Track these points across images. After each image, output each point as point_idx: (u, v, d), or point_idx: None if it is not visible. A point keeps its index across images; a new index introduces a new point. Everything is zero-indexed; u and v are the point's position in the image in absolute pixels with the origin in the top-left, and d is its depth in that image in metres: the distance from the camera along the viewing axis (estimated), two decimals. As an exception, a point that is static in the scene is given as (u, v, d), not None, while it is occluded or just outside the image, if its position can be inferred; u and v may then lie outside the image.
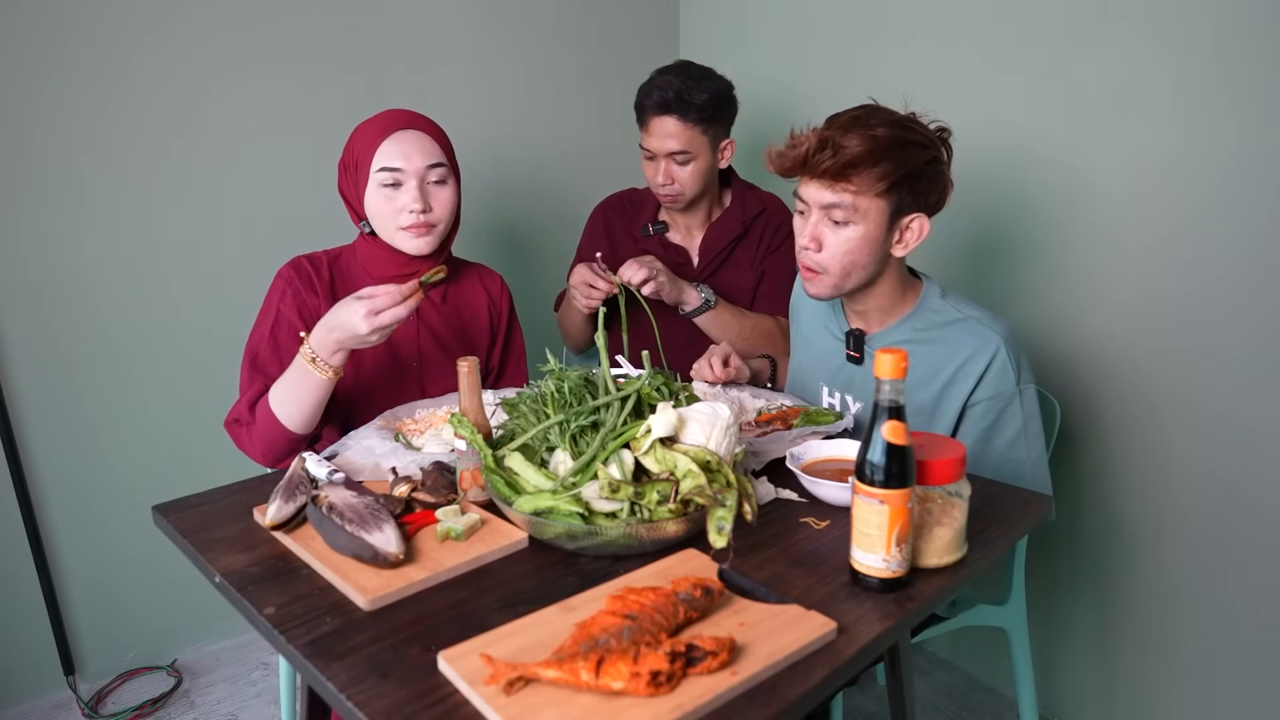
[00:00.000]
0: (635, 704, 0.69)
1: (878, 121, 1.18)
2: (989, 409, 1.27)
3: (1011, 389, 1.26)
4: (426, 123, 1.40)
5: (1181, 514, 1.59)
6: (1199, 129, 1.46)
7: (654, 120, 1.66)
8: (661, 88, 1.64)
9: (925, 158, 1.20)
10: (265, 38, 1.88)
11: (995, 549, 1.00)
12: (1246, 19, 1.38)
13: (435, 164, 1.36)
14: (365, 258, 1.44)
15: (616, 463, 0.96)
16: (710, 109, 1.66)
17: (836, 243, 1.23)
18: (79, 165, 1.74)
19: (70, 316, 1.79)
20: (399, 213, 1.35)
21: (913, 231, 1.24)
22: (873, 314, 1.34)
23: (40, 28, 1.67)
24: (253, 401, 1.31)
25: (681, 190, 1.71)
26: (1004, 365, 1.25)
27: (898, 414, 0.86)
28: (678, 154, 1.67)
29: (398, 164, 1.34)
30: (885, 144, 1.16)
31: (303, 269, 1.41)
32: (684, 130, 1.65)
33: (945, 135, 1.24)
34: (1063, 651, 1.82)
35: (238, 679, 1.99)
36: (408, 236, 1.37)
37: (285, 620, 0.85)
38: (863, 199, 1.19)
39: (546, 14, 2.25)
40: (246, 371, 1.36)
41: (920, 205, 1.23)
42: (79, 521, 1.87)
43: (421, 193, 1.35)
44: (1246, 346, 1.45)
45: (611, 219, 1.88)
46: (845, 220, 1.21)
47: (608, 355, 1.08)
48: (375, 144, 1.34)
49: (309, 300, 1.39)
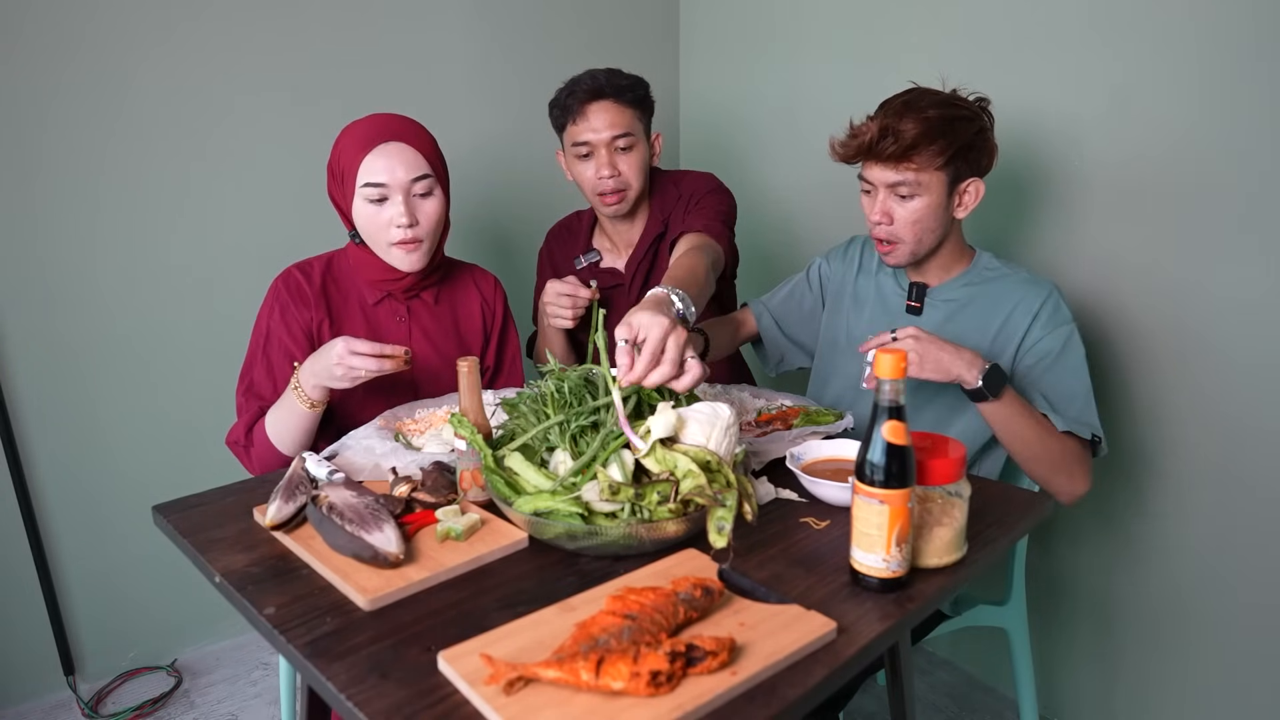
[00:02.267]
0: (635, 704, 0.69)
1: (927, 103, 1.29)
2: (1057, 336, 1.35)
3: (1069, 321, 1.37)
4: (410, 131, 1.36)
5: (1182, 514, 1.59)
6: (1200, 127, 1.46)
7: (590, 107, 1.57)
8: (588, 77, 1.58)
9: (974, 129, 1.31)
10: (267, 41, 1.88)
11: (995, 549, 1.00)
12: (1248, 18, 1.38)
13: (420, 176, 1.34)
14: (356, 262, 1.43)
15: (617, 463, 0.96)
16: (640, 91, 1.61)
17: (905, 214, 1.34)
18: (82, 168, 1.75)
19: (70, 317, 1.79)
20: (386, 226, 1.34)
21: (970, 194, 1.35)
22: (933, 271, 1.44)
23: (46, 33, 1.67)
24: (249, 425, 1.34)
25: (628, 183, 1.61)
26: (1057, 304, 1.37)
27: (898, 414, 0.86)
28: (620, 138, 1.58)
29: (382, 179, 1.32)
30: (938, 123, 1.28)
31: (292, 281, 1.41)
32: (622, 113, 1.58)
33: (985, 104, 1.35)
34: (1063, 651, 1.82)
35: (238, 679, 1.99)
36: (400, 253, 1.37)
37: (285, 620, 0.85)
38: (925, 174, 1.30)
39: (545, 14, 2.25)
40: (241, 396, 1.38)
41: (974, 170, 1.34)
42: (80, 521, 1.87)
43: (408, 206, 1.33)
44: (1250, 345, 1.45)
45: (554, 250, 1.81)
46: (911, 194, 1.32)
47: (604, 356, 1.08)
48: (359, 157, 1.33)
49: (299, 314, 1.39)
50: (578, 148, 1.60)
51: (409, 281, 1.42)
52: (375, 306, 1.44)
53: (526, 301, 1.88)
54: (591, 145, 1.59)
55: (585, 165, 1.61)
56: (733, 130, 2.36)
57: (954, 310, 1.42)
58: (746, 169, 2.34)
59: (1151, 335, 1.57)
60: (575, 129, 1.60)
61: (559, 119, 1.63)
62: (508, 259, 2.25)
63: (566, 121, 1.61)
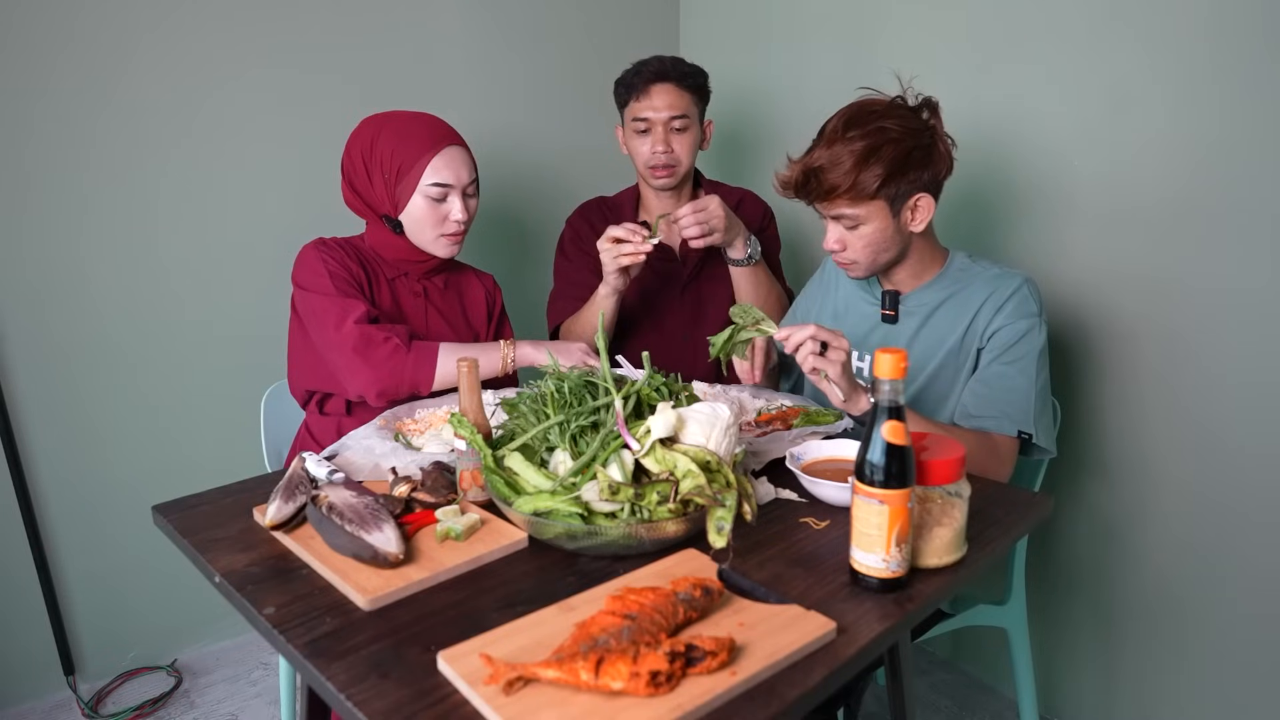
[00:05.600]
0: (635, 704, 0.69)
1: (855, 133, 1.26)
2: (1013, 330, 1.34)
3: (1034, 315, 1.35)
4: (460, 137, 1.52)
5: (1181, 513, 1.59)
6: (1199, 127, 1.46)
7: (653, 87, 1.69)
8: (656, 60, 1.71)
9: (905, 150, 1.26)
10: (263, 38, 1.88)
11: (995, 549, 1.00)
12: (1247, 19, 1.38)
13: (474, 179, 1.51)
14: (379, 244, 1.54)
15: (616, 463, 0.96)
16: (700, 80, 1.74)
17: (855, 241, 1.34)
18: (79, 166, 1.74)
19: (70, 317, 1.79)
20: (442, 221, 1.48)
21: (921, 210, 1.32)
22: (904, 279, 1.43)
23: (39, 29, 1.67)
24: (411, 334, 1.44)
25: (679, 160, 1.73)
26: (1025, 296, 1.36)
27: (898, 414, 0.86)
28: (676, 119, 1.70)
29: (449, 179, 1.46)
30: (861, 156, 1.25)
31: (328, 242, 1.51)
32: (681, 96, 1.70)
33: (931, 106, 1.31)
34: (1063, 651, 1.82)
35: (238, 679, 1.99)
36: (446, 242, 1.51)
37: (285, 620, 0.85)
38: (860, 207, 1.29)
39: (546, 14, 2.25)
40: (350, 329, 1.40)
41: (916, 188, 1.30)
42: (79, 521, 1.87)
43: (464, 204, 1.49)
44: (1247, 346, 1.45)
45: (594, 222, 1.86)
46: (855, 224, 1.32)
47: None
48: (425, 156, 1.45)
49: (347, 262, 1.48)
50: (637, 123, 1.72)
51: (429, 265, 1.55)
52: (394, 281, 1.55)
53: (528, 297, 1.88)
54: (650, 122, 1.70)
55: (642, 140, 1.73)
56: (733, 120, 2.35)
57: (928, 314, 1.41)
58: (746, 159, 2.34)
59: (1151, 337, 1.57)
60: (637, 105, 1.71)
61: (623, 95, 1.75)
62: (507, 257, 2.25)
63: (630, 98, 1.73)
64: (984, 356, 1.37)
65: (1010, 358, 1.34)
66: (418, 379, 1.40)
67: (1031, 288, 1.37)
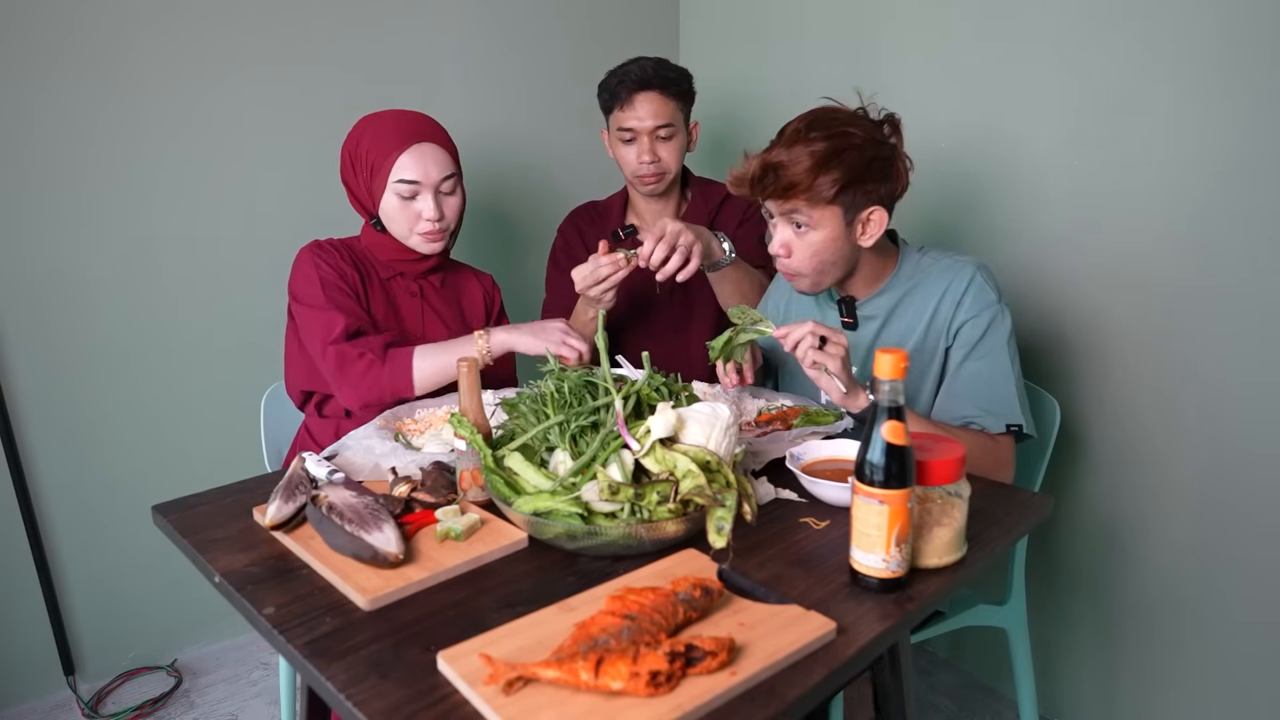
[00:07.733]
0: (634, 704, 0.69)
1: (820, 133, 1.25)
2: (977, 323, 1.33)
3: (994, 303, 1.33)
4: (440, 133, 1.49)
5: (1182, 514, 1.59)
6: (1199, 128, 1.46)
7: (637, 96, 1.67)
8: (638, 67, 1.68)
9: (866, 158, 1.25)
10: (262, 36, 1.88)
11: (995, 549, 1.00)
12: (1248, 18, 1.38)
13: (448, 175, 1.46)
14: (372, 244, 1.53)
15: (616, 463, 0.96)
16: (684, 84, 1.72)
17: (803, 247, 1.31)
18: (77, 165, 1.74)
19: (70, 317, 1.79)
20: (415, 220, 1.46)
21: (873, 223, 1.30)
22: (858, 286, 1.41)
23: (36, 27, 1.67)
24: (386, 343, 1.41)
25: (666, 168, 1.72)
26: (981, 285, 1.34)
27: (898, 414, 0.86)
28: (662, 128, 1.68)
29: (416, 177, 1.43)
30: (823, 157, 1.23)
31: (324, 245, 1.50)
32: (665, 104, 1.68)
33: (893, 122, 1.30)
34: (1063, 651, 1.82)
35: (238, 679, 1.99)
36: (422, 240, 1.48)
37: (285, 620, 0.85)
38: (815, 210, 1.27)
39: (545, 14, 2.25)
40: (335, 342, 1.39)
41: (873, 200, 1.28)
42: (79, 521, 1.87)
43: (437, 202, 1.45)
44: (1248, 346, 1.45)
45: (583, 228, 1.86)
46: (805, 228, 1.29)
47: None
48: (393, 154, 1.43)
49: (341, 266, 1.47)
50: (622, 132, 1.71)
51: (425, 265, 1.54)
52: (389, 282, 1.55)
53: (524, 297, 1.88)
54: (635, 132, 1.69)
55: (628, 149, 1.72)
56: (733, 120, 2.35)
57: (886, 317, 1.40)
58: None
59: (1151, 337, 1.57)
60: (621, 115, 1.70)
61: (607, 102, 1.73)
62: (505, 257, 2.25)
63: (614, 106, 1.71)
64: (953, 355, 1.35)
65: (980, 353, 1.33)
66: (397, 387, 1.38)
67: (985, 274, 1.35)
